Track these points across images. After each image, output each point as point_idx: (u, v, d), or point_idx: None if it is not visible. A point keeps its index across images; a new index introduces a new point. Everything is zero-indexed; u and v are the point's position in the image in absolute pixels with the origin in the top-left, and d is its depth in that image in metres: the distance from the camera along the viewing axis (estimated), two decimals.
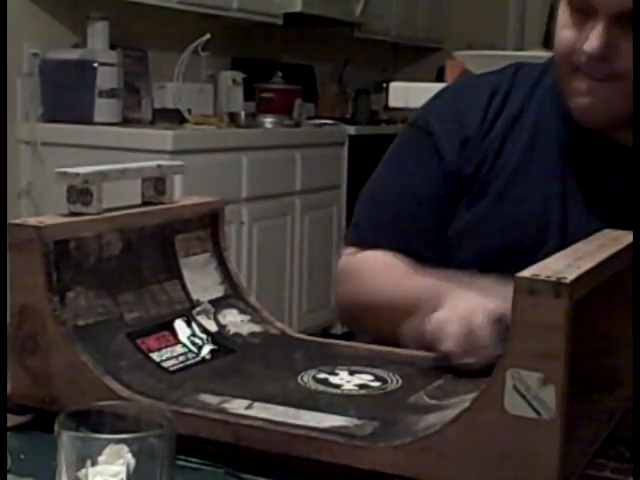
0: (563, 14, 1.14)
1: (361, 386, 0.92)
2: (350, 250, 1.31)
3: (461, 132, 1.25)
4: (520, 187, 1.22)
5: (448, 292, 1.06)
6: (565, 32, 1.14)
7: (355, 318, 1.29)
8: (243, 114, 3.83)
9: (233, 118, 3.77)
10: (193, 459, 0.82)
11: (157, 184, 1.04)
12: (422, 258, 1.22)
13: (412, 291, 1.13)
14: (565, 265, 0.76)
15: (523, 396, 0.72)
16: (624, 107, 1.14)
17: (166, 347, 0.96)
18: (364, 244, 1.29)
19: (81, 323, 0.91)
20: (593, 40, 1.10)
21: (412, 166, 1.28)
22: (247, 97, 4.02)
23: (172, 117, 3.57)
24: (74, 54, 3.30)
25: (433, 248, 1.26)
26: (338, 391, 0.91)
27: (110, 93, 3.29)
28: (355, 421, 0.82)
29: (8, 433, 0.85)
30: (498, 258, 1.21)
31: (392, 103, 2.13)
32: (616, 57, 1.11)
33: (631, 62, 1.10)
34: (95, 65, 3.25)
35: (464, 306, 1.00)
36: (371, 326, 1.25)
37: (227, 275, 1.10)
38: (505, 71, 1.30)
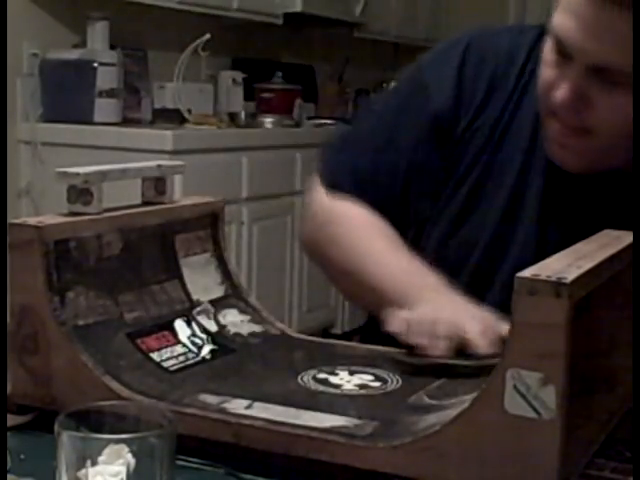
0: (548, 49, 1.09)
1: (361, 386, 0.92)
2: (322, 190, 1.28)
3: (459, 97, 1.21)
4: (492, 181, 1.21)
5: (420, 289, 1.08)
6: (547, 70, 1.09)
7: (319, 260, 1.31)
8: (243, 114, 3.83)
9: (233, 118, 3.77)
10: (193, 459, 0.82)
11: (157, 184, 1.04)
12: (393, 219, 1.23)
13: (382, 272, 1.15)
14: (565, 265, 0.76)
15: (523, 396, 0.72)
16: (601, 160, 1.12)
17: (166, 347, 0.96)
18: (339, 190, 1.25)
19: (81, 323, 0.91)
20: (564, 89, 1.05)
21: (399, 114, 1.26)
22: (247, 97, 4.01)
23: (172, 117, 3.57)
24: (74, 54, 3.30)
25: (405, 212, 1.25)
26: (338, 391, 0.91)
27: (110, 93, 3.28)
28: (355, 421, 0.82)
29: (8, 433, 0.85)
30: (456, 248, 1.22)
31: None
32: (588, 112, 1.06)
33: (603, 119, 1.05)
34: (95, 65, 3.24)
35: (453, 310, 1.01)
36: (331, 278, 1.30)
37: (227, 275, 1.10)
38: (527, 36, 1.23)
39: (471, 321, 0.98)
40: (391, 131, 1.25)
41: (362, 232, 1.22)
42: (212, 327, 1.03)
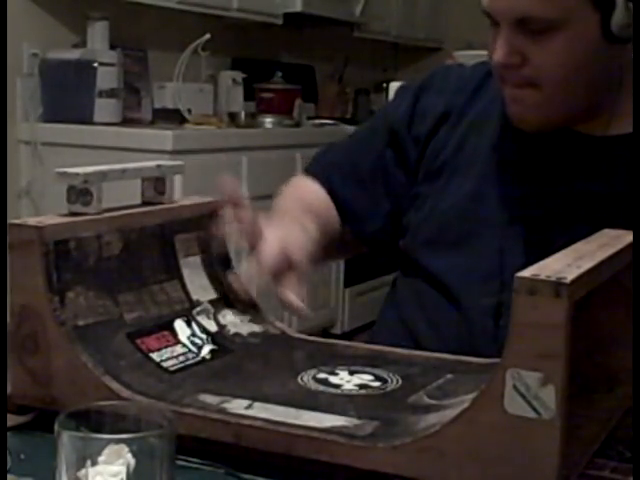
0: (490, 28, 1.17)
1: (361, 386, 0.92)
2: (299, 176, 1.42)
3: (417, 108, 1.31)
4: (485, 187, 1.23)
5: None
6: (490, 46, 1.17)
7: None
8: (243, 114, 3.83)
9: (233, 118, 3.77)
10: (193, 459, 0.82)
11: (157, 184, 1.04)
12: (344, 205, 1.34)
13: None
14: (565, 265, 0.76)
15: (523, 396, 0.72)
16: (555, 110, 1.15)
17: (166, 347, 0.96)
18: (308, 173, 1.39)
19: (81, 323, 0.91)
20: (497, 50, 1.13)
21: (364, 127, 1.41)
22: (247, 97, 4.01)
23: (172, 117, 3.57)
24: (74, 54, 3.30)
25: (357, 204, 1.34)
26: (338, 391, 0.91)
27: (110, 93, 3.28)
28: (355, 421, 0.82)
29: (8, 433, 0.85)
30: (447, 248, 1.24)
31: None
32: (526, 65, 1.12)
33: (542, 68, 1.11)
34: (95, 65, 3.24)
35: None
36: None
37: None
38: (485, 66, 1.30)
39: (273, 240, 1.06)
40: (359, 143, 1.39)
41: (286, 193, 1.34)
42: (212, 327, 1.03)
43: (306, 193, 1.35)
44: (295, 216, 1.21)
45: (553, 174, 1.20)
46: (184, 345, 0.98)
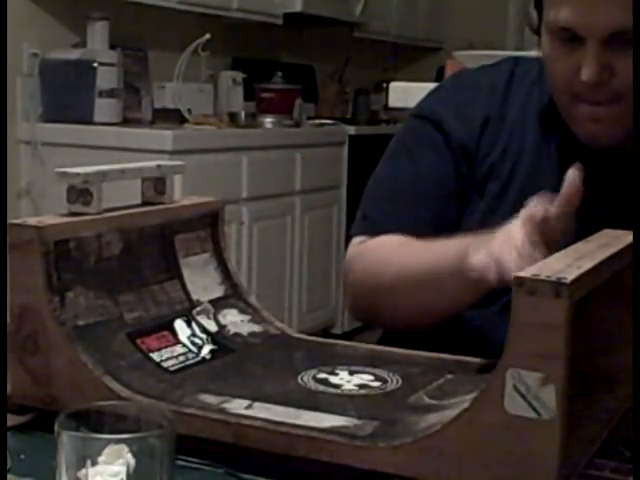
0: (550, 45, 1.12)
1: (361, 386, 0.92)
2: (359, 239, 1.26)
3: (466, 120, 1.24)
4: (532, 193, 1.21)
5: (476, 242, 1.01)
6: (557, 65, 1.13)
7: (372, 303, 1.22)
8: (243, 114, 3.83)
9: (233, 118, 3.77)
10: (193, 459, 0.82)
11: (157, 184, 1.04)
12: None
13: (440, 252, 1.08)
14: (565, 265, 0.76)
15: (523, 396, 0.72)
16: (632, 123, 1.13)
17: (166, 347, 0.96)
18: (374, 233, 1.24)
19: (81, 323, 0.91)
20: (588, 68, 1.08)
21: (421, 156, 1.26)
22: (247, 97, 4.01)
23: (172, 117, 3.57)
24: (74, 54, 3.30)
25: (441, 233, 1.20)
26: (338, 391, 0.91)
27: (110, 93, 3.28)
28: (355, 421, 0.82)
29: (8, 433, 0.85)
30: None
31: (392, 103, 2.13)
32: (613, 79, 1.09)
33: (629, 79, 1.09)
34: (95, 65, 3.24)
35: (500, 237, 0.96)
36: (393, 305, 1.18)
37: (227, 275, 1.10)
38: (502, 67, 1.29)
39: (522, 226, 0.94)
40: (417, 173, 1.26)
41: (388, 250, 1.19)
42: (212, 327, 1.03)
43: (402, 240, 1.20)
44: (460, 241, 1.07)
45: (596, 187, 1.18)
46: (184, 345, 0.98)
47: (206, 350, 0.99)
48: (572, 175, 0.95)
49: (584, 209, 1.15)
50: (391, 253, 1.19)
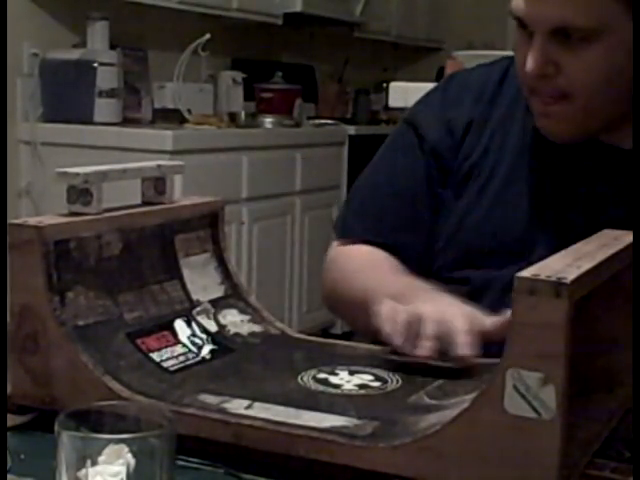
0: (516, 33, 1.13)
1: (361, 386, 0.92)
2: (338, 242, 1.33)
3: (446, 124, 1.26)
4: (511, 190, 1.22)
5: (420, 292, 1.07)
6: (518, 55, 1.13)
7: (336, 306, 1.34)
8: (243, 114, 3.83)
9: (233, 118, 3.77)
10: (193, 459, 0.82)
11: (157, 184, 1.04)
12: (406, 252, 1.25)
13: (388, 288, 1.13)
14: (565, 265, 0.76)
15: (523, 396, 0.72)
16: (586, 122, 1.13)
17: (166, 347, 0.96)
18: (350, 236, 1.31)
19: (81, 323, 0.91)
20: (530, 60, 1.09)
21: (397, 159, 1.31)
22: (247, 97, 4.01)
23: (172, 117, 3.57)
24: (74, 54, 3.30)
25: (416, 242, 1.27)
26: (338, 391, 0.91)
27: (110, 93, 3.28)
28: (355, 421, 0.82)
29: (8, 433, 0.85)
30: (482, 260, 1.22)
31: (392, 103, 2.13)
32: (560, 75, 1.09)
33: (575, 79, 1.08)
34: (95, 65, 3.24)
35: (444, 306, 1.01)
36: (348, 317, 1.32)
37: (227, 275, 1.10)
38: (497, 65, 1.29)
39: (459, 318, 0.97)
40: (391, 175, 1.30)
41: (357, 265, 1.26)
42: (212, 327, 1.03)
43: (373, 261, 1.26)
44: (413, 283, 1.13)
45: (575, 177, 1.18)
46: (184, 345, 0.98)
47: (206, 350, 0.99)
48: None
49: (568, 205, 1.17)
50: (358, 269, 1.25)
